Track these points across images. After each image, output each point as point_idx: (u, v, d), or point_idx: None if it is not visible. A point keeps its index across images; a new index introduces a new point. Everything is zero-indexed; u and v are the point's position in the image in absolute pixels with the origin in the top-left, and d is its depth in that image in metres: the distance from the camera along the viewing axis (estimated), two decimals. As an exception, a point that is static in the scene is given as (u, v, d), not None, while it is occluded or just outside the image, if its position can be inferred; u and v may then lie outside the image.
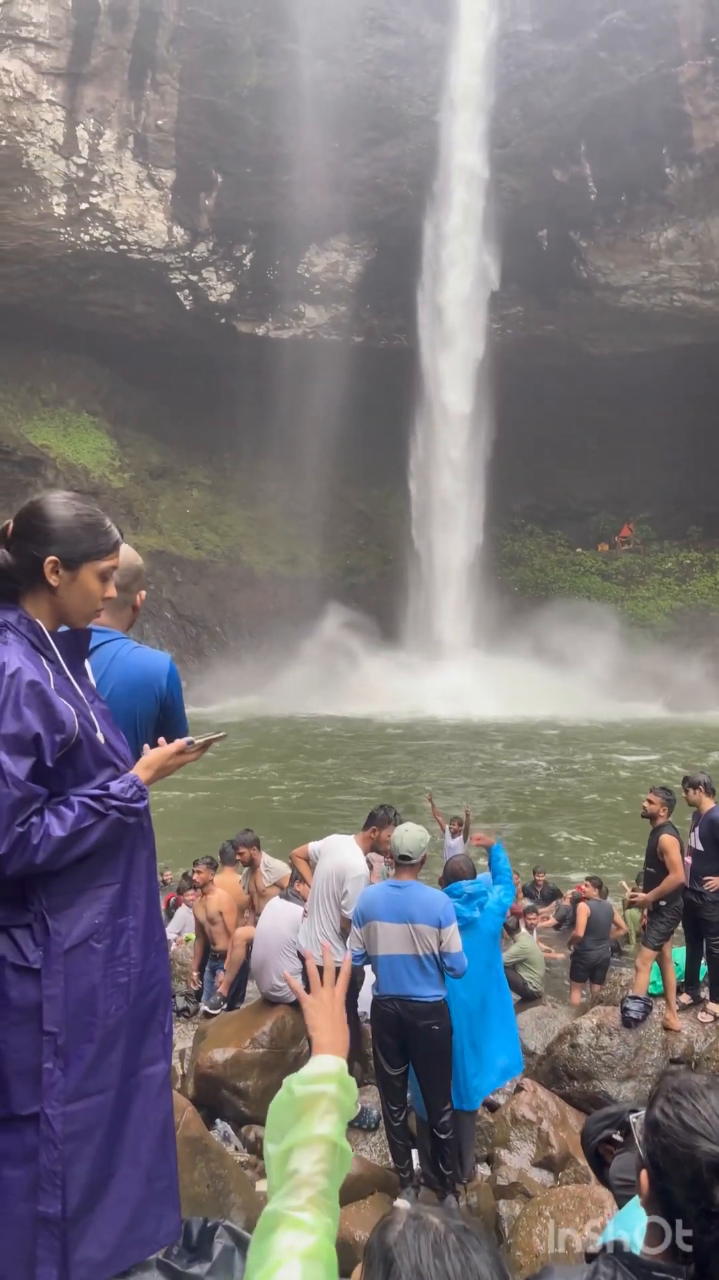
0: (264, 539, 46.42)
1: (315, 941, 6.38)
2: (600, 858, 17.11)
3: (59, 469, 41.04)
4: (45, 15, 35.71)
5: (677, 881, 8.28)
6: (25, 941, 2.27)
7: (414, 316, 43.42)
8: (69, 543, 2.46)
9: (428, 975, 5.51)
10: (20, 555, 2.40)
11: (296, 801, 21.18)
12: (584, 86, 39.32)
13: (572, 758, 27.25)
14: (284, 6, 38.78)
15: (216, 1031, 7.25)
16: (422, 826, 5.91)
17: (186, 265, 41.61)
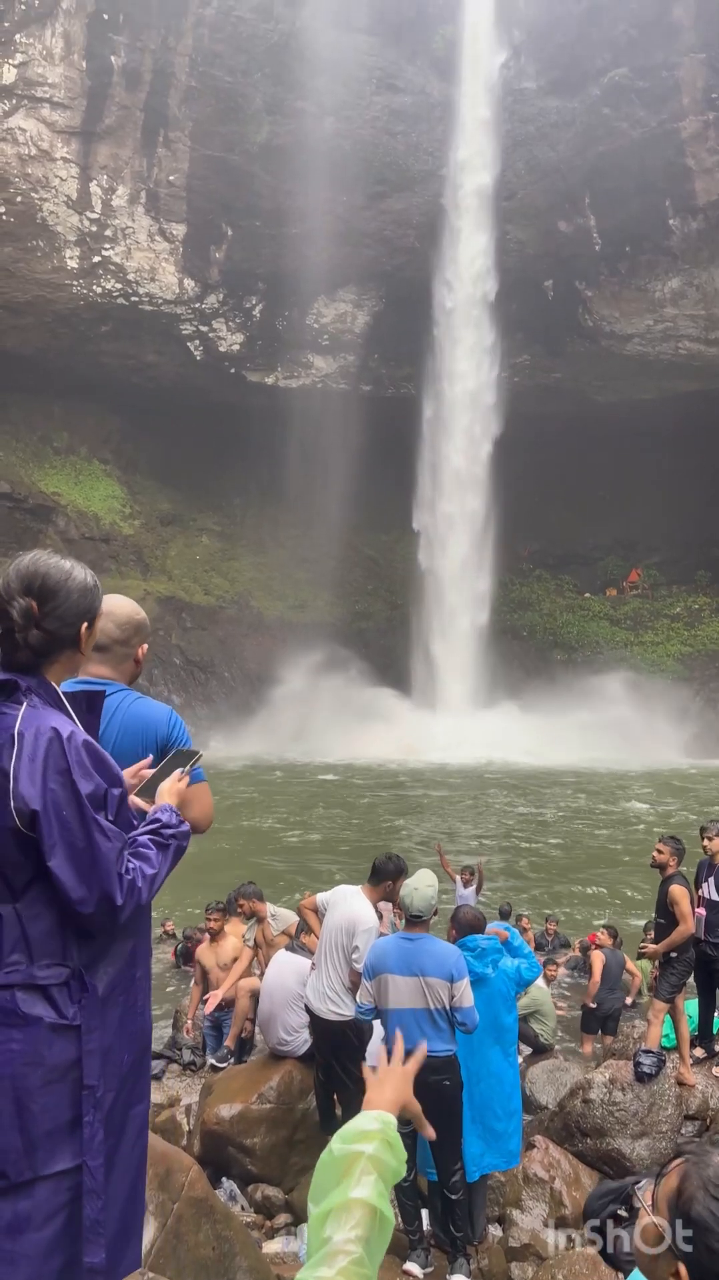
0: (273, 585, 46.61)
1: (323, 994, 6.30)
2: (613, 906, 16.93)
3: (70, 516, 41.38)
4: (60, 76, 36.63)
5: (687, 932, 8.18)
6: (62, 999, 2.33)
7: (421, 366, 43.92)
8: (92, 606, 2.55)
9: (439, 1030, 5.44)
10: (55, 630, 2.45)
11: (303, 850, 21.04)
12: (588, 141, 40.04)
13: (582, 804, 27.07)
14: (293, 67, 39.71)
15: (223, 1086, 7.15)
16: (433, 877, 5.85)
17: (197, 316, 42.24)
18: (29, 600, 2.42)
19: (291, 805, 26.39)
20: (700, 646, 43.22)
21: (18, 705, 2.35)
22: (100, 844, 2.30)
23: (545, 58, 41.13)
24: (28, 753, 2.29)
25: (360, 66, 41.19)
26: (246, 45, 39.33)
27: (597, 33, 39.12)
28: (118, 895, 2.32)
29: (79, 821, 2.29)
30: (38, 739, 2.30)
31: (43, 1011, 2.31)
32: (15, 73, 35.88)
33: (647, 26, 38.15)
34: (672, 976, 8.28)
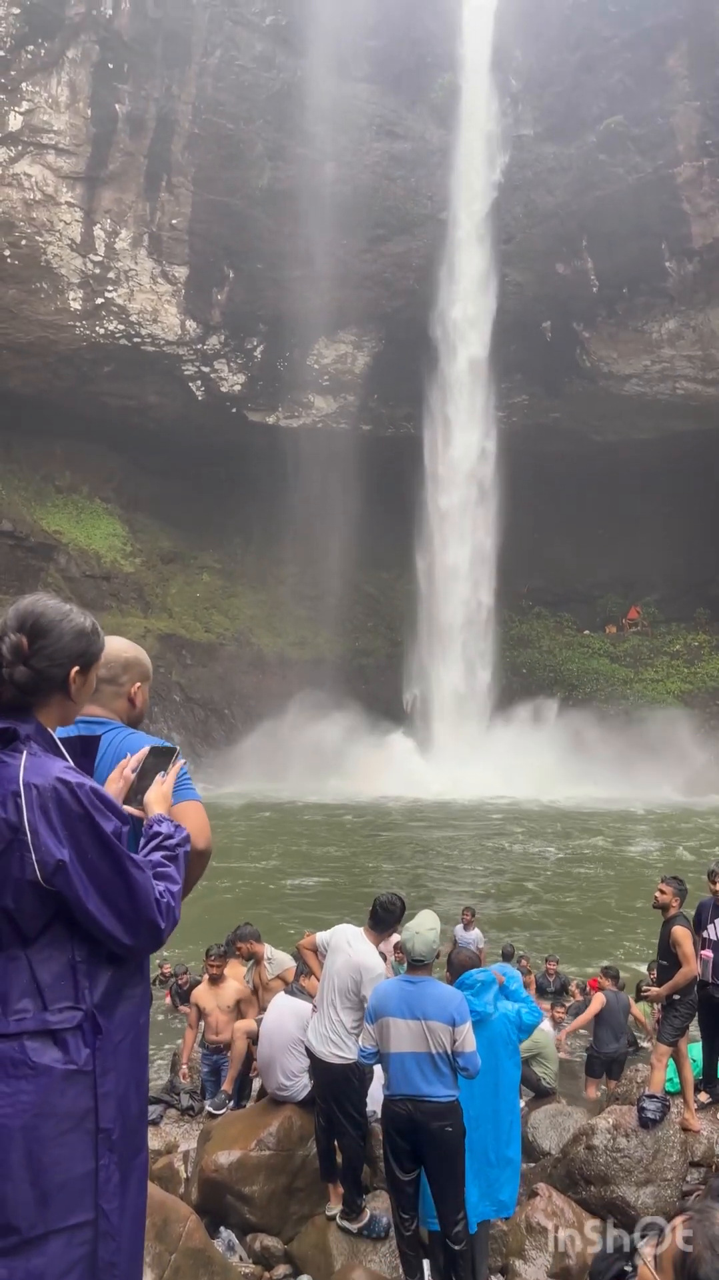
0: (274, 621, 46.70)
1: (325, 1037, 6.23)
2: (614, 947, 16.80)
3: (71, 554, 41.53)
4: (66, 124, 37.26)
5: (690, 974, 8.11)
6: (75, 1044, 2.31)
7: (421, 406, 44.30)
8: (86, 650, 2.53)
9: (441, 1074, 5.39)
10: (43, 669, 2.45)
11: (301, 889, 20.91)
12: (585, 186, 40.66)
13: (583, 843, 26.94)
14: (295, 114, 40.42)
15: (221, 1133, 7.06)
16: (435, 919, 5.82)
17: (199, 357, 42.67)
18: (20, 636, 2.41)
19: (291, 843, 26.26)
20: (700, 684, 43.21)
21: (18, 754, 2.34)
22: (136, 877, 2.34)
23: (542, 106, 41.87)
24: (41, 803, 2.29)
25: (361, 114, 41.92)
26: (249, 93, 40.06)
27: (592, 81, 39.86)
28: (160, 921, 2.38)
29: (111, 861, 2.32)
30: (49, 789, 2.30)
31: (54, 1058, 2.28)
32: (22, 120, 36.49)
33: (641, 76, 38.87)
34: (675, 1020, 8.19)
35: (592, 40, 39.57)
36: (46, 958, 2.33)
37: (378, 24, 41.46)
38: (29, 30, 35.76)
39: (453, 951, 6.94)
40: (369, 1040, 5.62)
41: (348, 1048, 6.08)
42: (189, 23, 38.87)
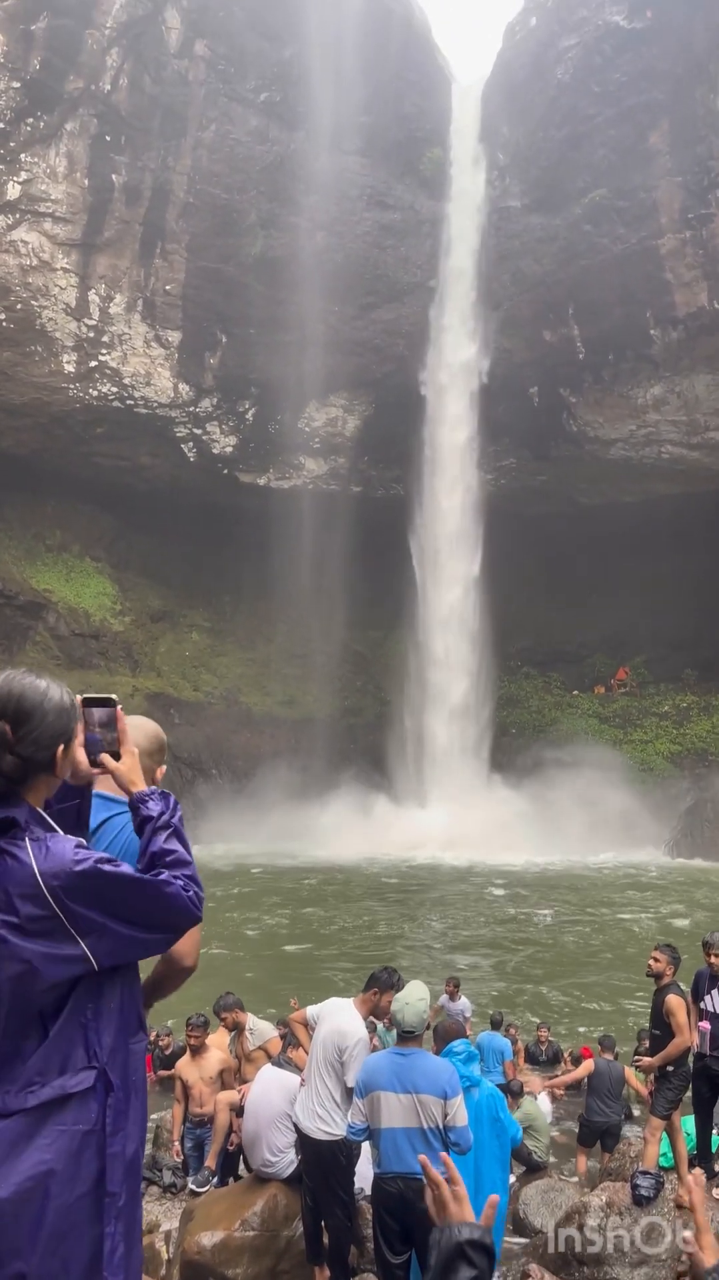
0: (262, 680, 46.62)
1: (314, 1113, 6.09)
2: (609, 1013, 16.56)
3: (60, 613, 41.53)
4: (63, 193, 38.06)
5: (683, 1045, 8.00)
6: (88, 1104, 2.31)
7: (411, 468, 44.82)
8: (69, 726, 2.52)
9: (432, 1150, 5.27)
10: (30, 755, 2.43)
11: (290, 955, 20.61)
12: (571, 256, 41.60)
13: (573, 905, 26.68)
14: (287, 185, 41.45)
15: (204, 1211, 6.87)
16: (424, 990, 5.74)
17: (191, 419, 43.15)
18: (2, 724, 2.38)
19: (280, 906, 25.94)
20: (689, 745, 43.17)
21: (21, 843, 2.33)
22: (165, 893, 2.39)
23: (529, 179, 43.01)
24: (65, 890, 2.30)
25: (352, 185, 43.00)
26: (243, 165, 41.06)
27: (578, 157, 40.99)
28: (196, 912, 2.46)
29: (140, 899, 2.37)
30: (65, 874, 2.31)
31: (70, 1121, 2.27)
32: (20, 189, 37.26)
33: (625, 152, 40.00)
34: (668, 1092, 8.05)
35: (577, 118, 40.77)
36: (64, 1025, 2.32)
37: (369, 100, 42.70)
38: (29, 104, 36.67)
39: (439, 1022, 6.85)
40: (359, 1116, 5.50)
41: (336, 1123, 5.94)
42: (185, 98, 39.96)
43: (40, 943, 2.27)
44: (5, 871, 2.30)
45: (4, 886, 2.28)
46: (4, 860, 2.31)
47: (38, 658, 39.39)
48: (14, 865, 2.30)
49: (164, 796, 2.62)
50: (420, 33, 46.64)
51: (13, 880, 2.28)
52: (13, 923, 2.27)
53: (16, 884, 2.28)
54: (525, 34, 43.53)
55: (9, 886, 2.28)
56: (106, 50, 37.98)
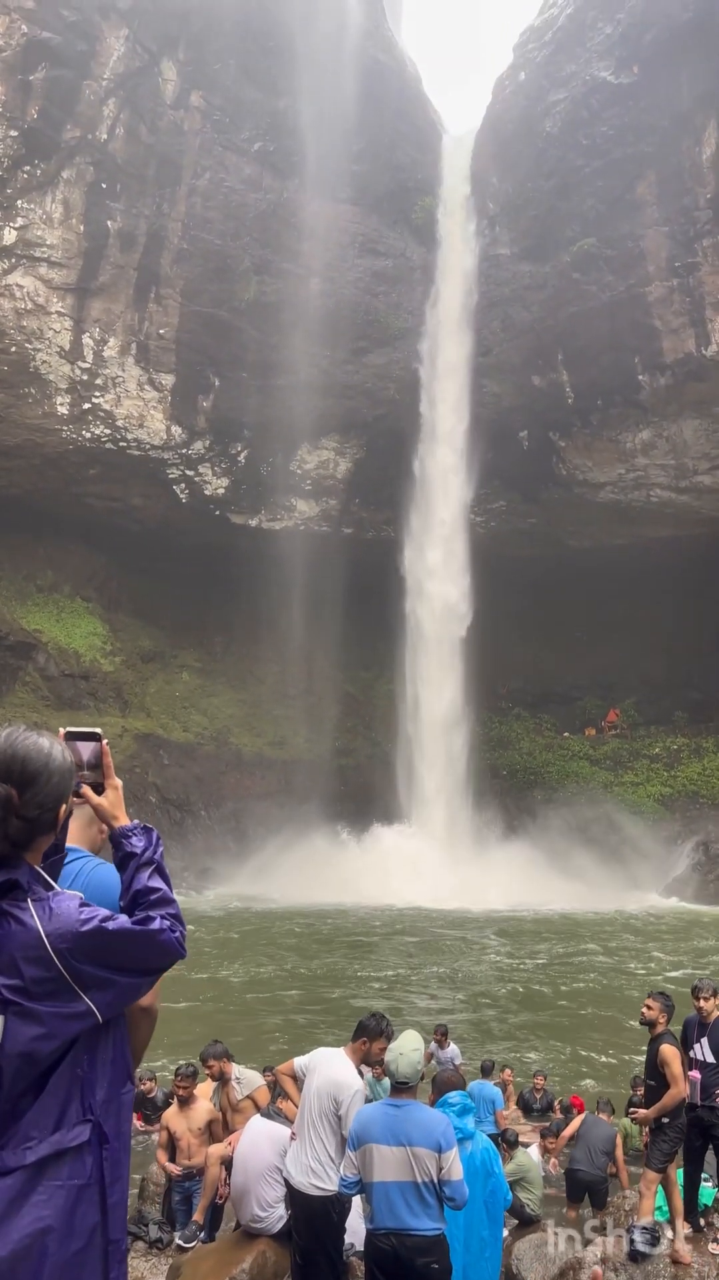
0: (253, 721, 46.47)
1: (306, 1167, 5.96)
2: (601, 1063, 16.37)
3: (50, 653, 41.41)
4: (59, 238, 38.54)
5: (679, 1096, 7.90)
6: (84, 1158, 2.31)
7: (401, 510, 45.10)
8: (70, 787, 2.53)
9: (426, 1206, 5.15)
10: (36, 817, 2.43)
11: (276, 1001, 20.35)
12: (560, 303, 42.23)
13: (566, 951, 26.46)
14: (280, 232, 42.09)
15: (192, 1268, 6.74)
16: (418, 1040, 5.66)
17: (184, 461, 43.40)
18: (8, 788, 2.37)
19: (268, 952, 25.66)
20: (680, 787, 43.10)
21: (24, 905, 2.32)
22: (155, 938, 2.41)
23: (518, 228, 43.74)
24: (70, 951, 2.30)
25: (344, 232, 43.67)
26: (236, 212, 41.68)
27: (566, 206, 41.74)
28: (181, 952, 2.49)
29: (136, 947, 2.39)
30: (70, 934, 2.32)
31: (68, 1176, 2.25)
32: (16, 234, 37.71)
33: (613, 202, 40.74)
34: (663, 1144, 7.94)
35: (565, 169, 41.56)
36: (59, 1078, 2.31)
37: (361, 150, 43.50)
38: (26, 152, 37.23)
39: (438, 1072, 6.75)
40: (351, 1169, 5.38)
41: (328, 1179, 5.80)
42: (181, 147, 40.64)
43: (47, 1004, 2.28)
44: (9, 935, 2.29)
45: (8, 951, 2.27)
46: (7, 923, 2.30)
47: (27, 698, 39.23)
48: (18, 929, 2.29)
49: (146, 831, 2.65)
50: (412, 85, 47.68)
51: (17, 944, 2.27)
52: (18, 986, 2.26)
53: (21, 947, 2.27)
54: (515, 88, 44.49)
55: (13, 950, 2.27)
56: (104, 100, 38.66)
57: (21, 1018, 2.26)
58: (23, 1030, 2.25)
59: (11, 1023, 2.25)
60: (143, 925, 2.42)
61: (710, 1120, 8.24)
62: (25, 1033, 2.25)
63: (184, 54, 40.46)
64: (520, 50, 45.26)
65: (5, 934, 2.29)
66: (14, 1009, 2.26)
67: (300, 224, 42.32)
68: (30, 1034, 2.26)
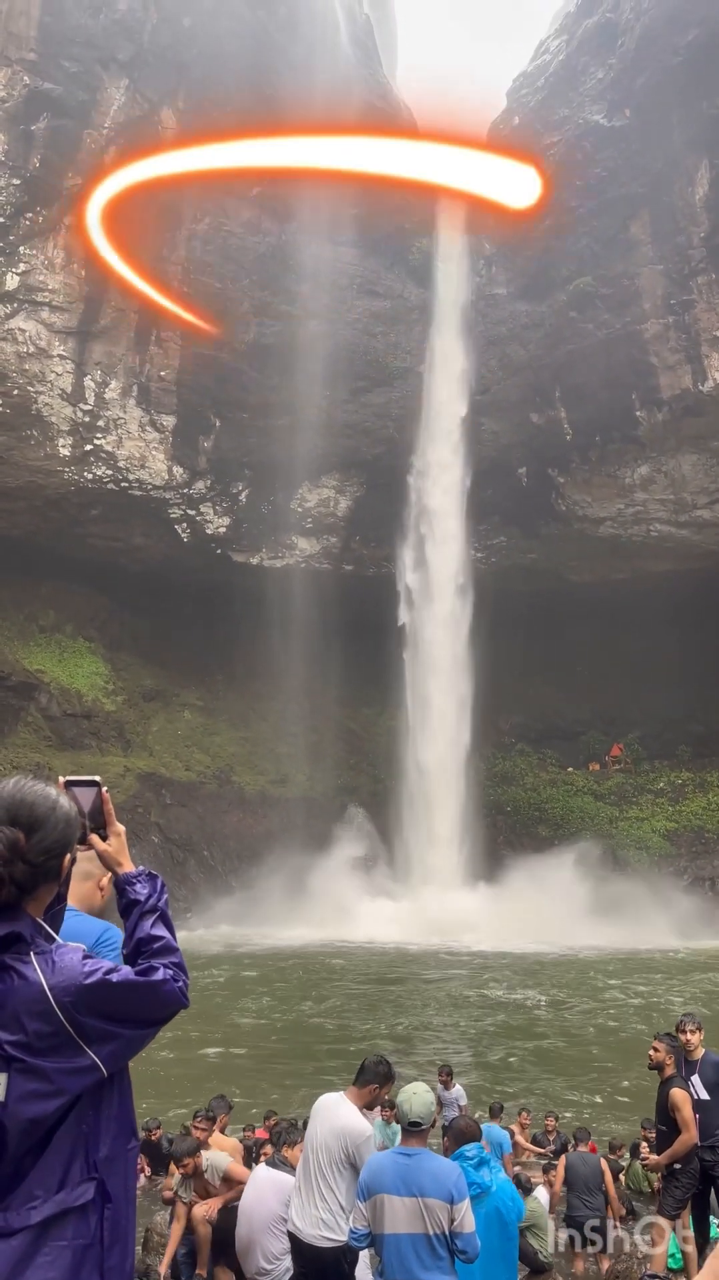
0: (255, 759, 46.32)
1: (316, 1220, 5.82)
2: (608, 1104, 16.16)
3: (53, 693, 41.38)
4: (60, 283, 39.00)
5: (690, 1142, 7.78)
6: (86, 1217, 2.27)
7: (401, 547, 45.28)
8: (75, 836, 2.52)
9: (438, 1258, 5.01)
10: (41, 863, 2.42)
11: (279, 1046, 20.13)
12: (557, 341, 42.65)
13: (572, 989, 26.19)
14: (279, 274, 42.58)
15: (200, 1325, 6.59)
16: (428, 1086, 5.58)
17: (185, 501, 43.64)
18: (15, 831, 2.36)
19: (271, 993, 25.42)
20: (685, 822, 42.87)
21: (27, 959, 2.31)
22: (158, 989, 2.39)
23: (515, 268, 44.30)
24: (74, 1004, 2.28)
25: (342, 274, 44.19)
26: (236, 255, 42.19)
27: (561, 246, 42.26)
28: (185, 1003, 2.46)
29: (139, 996, 2.37)
30: (73, 988, 2.30)
31: (70, 1236, 2.22)
32: (19, 280, 38.17)
33: (608, 241, 41.29)
34: (675, 1190, 7.82)
35: (560, 210, 42.10)
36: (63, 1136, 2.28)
37: (359, 194, 44.07)
38: (28, 199, 37.78)
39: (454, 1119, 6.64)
40: (361, 1220, 5.25)
41: (339, 1229, 5.67)
42: (180, 193, 41.18)
43: (51, 1059, 2.24)
44: (11, 990, 2.26)
45: (11, 1005, 2.24)
46: (10, 977, 2.27)
47: (29, 738, 39.16)
48: (20, 983, 2.26)
49: (151, 879, 2.64)
50: (407, 129, 48.39)
51: (20, 998, 2.25)
52: (21, 1042, 2.23)
53: (24, 1001, 2.24)
54: (509, 132, 45.22)
55: (16, 1005, 2.24)
56: (105, 149, 39.25)
57: (25, 1075, 2.23)
58: (27, 1087, 2.22)
59: (15, 1080, 2.22)
60: (146, 976, 2.39)
61: (712, 1160, 8.03)
62: (29, 1090, 2.22)
63: (183, 102, 41.13)
64: (514, 95, 46.13)
65: (8, 988, 2.26)
66: (17, 1066, 2.23)
67: (299, 266, 42.83)
68: (35, 1091, 2.23)
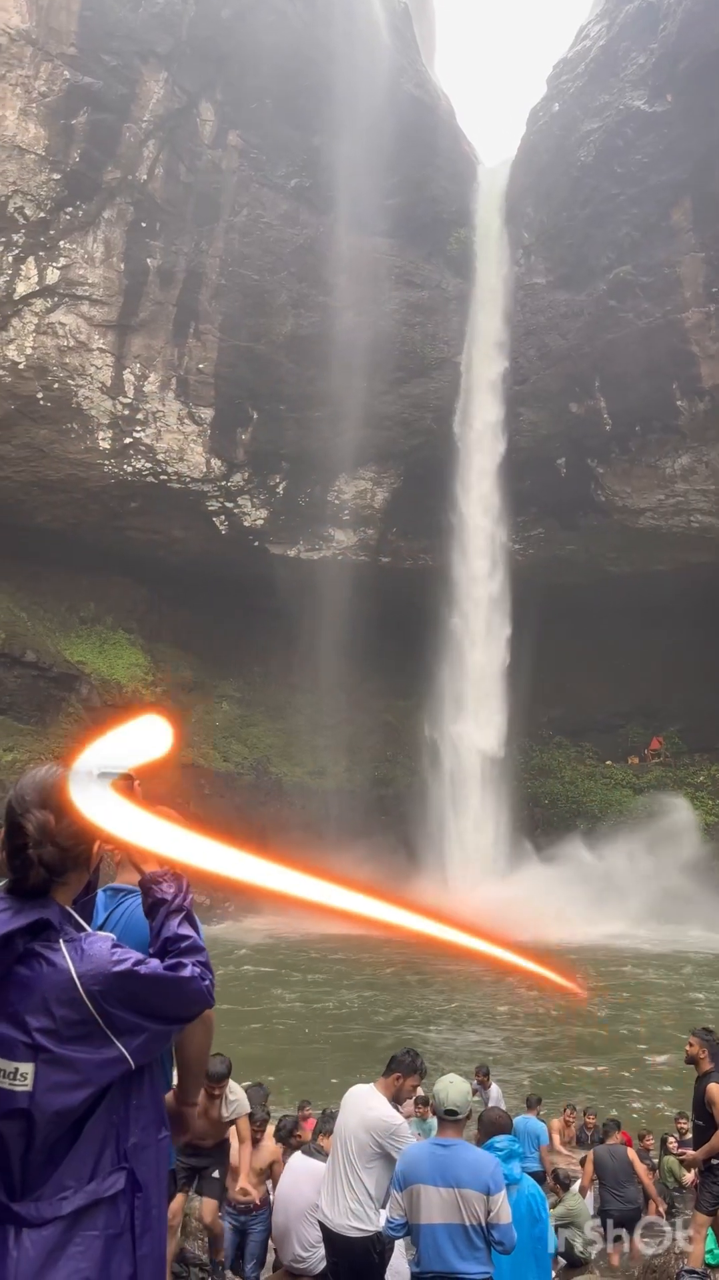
0: (292, 750, 46.48)
1: (346, 1210, 5.84)
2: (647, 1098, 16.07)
3: (93, 684, 41.80)
4: (100, 277, 39.26)
5: (729, 1137, 7.72)
6: (117, 1207, 2.28)
7: (439, 539, 45.13)
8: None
9: (474, 1249, 5.01)
10: (70, 846, 2.42)
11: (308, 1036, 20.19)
12: (596, 330, 42.25)
13: (609, 984, 26.04)
14: (317, 266, 42.53)
15: (237, 1310, 6.64)
16: (464, 1078, 5.58)
17: (223, 493, 43.81)
18: (45, 813, 2.38)
19: (304, 983, 25.53)
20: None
21: (56, 946, 2.31)
22: (184, 986, 2.38)
23: (554, 257, 43.89)
24: (102, 993, 2.29)
25: (380, 265, 44.05)
26: (274, 247, 42.22)
27: (601, 235, 41.83)
28: (210, 1000, 2.45)
29: (165, 992, 2.36)
30: (102, 976, 2.31)
31: (103, 1226, 2.23)
32: (59, 274, 38.47)
33: (648, 229, 40.80)
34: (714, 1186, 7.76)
35: (600, 198, 41.71)
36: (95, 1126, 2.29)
37: (396, 185, 43.92)
38: (68, 194, 38.03)
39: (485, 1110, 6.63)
40: (398, 1210, 5.27)
41: (369, 1219, 5.69)
42: (219, 185, 41.29)
43: (79, 1048, 2.25)
44: (40, 976, 2.27)
45: (39, 992, 2.25)
46: (38, 964, 2.28)
47: (70, 728, 39.56)
48: (49, 970, 2.27)
49: (176, 878, 2.61)
50: (446, 119, 48.14)
51: (48, 985, 2.25)
52: (49, 1029, 2.24)
53: (53, 988, 2.25)
54: (549, 119, 44.80)
55: (45, 991, 2.25)
56: (144, 142, 39.42)
57: (52, 1065, 2.23)
58: (54, 1078, 2.23)
59: (42, 1070, 2.22)
60: (174, 971, 2.39)
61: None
62: (57, 1081, 2.23)
63: (221, 95, 41.19)
64: (554, 81, 45.62)
65: (36, 975, 2.26)
66: (44, 1056, 2.23)
67: (336, 258, 42.75)
68: (62, 1082, 2.23)
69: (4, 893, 2.36)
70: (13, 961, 2.26)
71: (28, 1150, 2.21)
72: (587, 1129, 13.55)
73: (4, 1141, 2.21)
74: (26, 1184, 2.20)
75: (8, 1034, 2.23)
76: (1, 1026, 2.23)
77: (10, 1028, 2.23)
